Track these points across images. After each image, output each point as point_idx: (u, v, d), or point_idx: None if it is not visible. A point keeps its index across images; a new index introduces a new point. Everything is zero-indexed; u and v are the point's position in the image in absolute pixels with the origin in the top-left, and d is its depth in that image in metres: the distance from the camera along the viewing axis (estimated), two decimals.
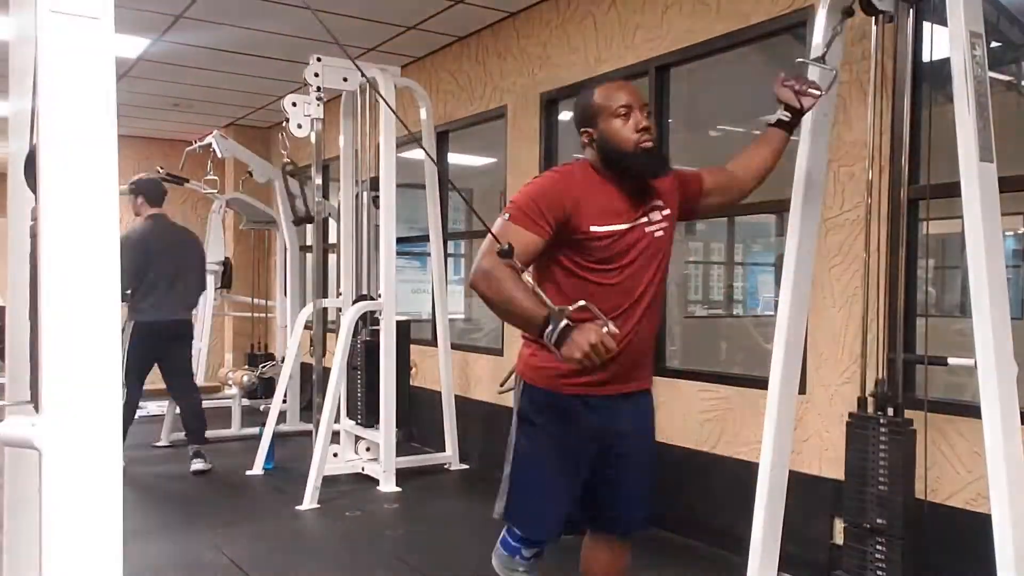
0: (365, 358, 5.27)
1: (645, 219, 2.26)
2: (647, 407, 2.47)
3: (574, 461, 2.31)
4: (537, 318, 1.96)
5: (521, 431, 2.34)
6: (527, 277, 2.00)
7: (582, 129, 2.30)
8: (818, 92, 2.60)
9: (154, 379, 5.51)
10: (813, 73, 2.78)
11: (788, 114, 2.59)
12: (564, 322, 1.92)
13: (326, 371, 5.10)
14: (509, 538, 2.44)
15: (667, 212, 2.32)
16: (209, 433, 6.51)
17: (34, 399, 1.22)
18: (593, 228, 2.16)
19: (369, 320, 5.32)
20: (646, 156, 2.23)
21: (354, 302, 5.28)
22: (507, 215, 2.13)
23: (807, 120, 2.92)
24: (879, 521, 2.83)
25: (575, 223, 2.15)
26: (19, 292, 1.49)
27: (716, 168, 2.58)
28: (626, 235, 2.21)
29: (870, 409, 2.97)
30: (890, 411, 2.92)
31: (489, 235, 2.07)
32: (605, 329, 1.88)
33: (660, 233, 2.29)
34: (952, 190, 2.63)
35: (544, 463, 2.30)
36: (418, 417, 5.87)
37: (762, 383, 3.08)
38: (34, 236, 1.18)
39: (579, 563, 2.56)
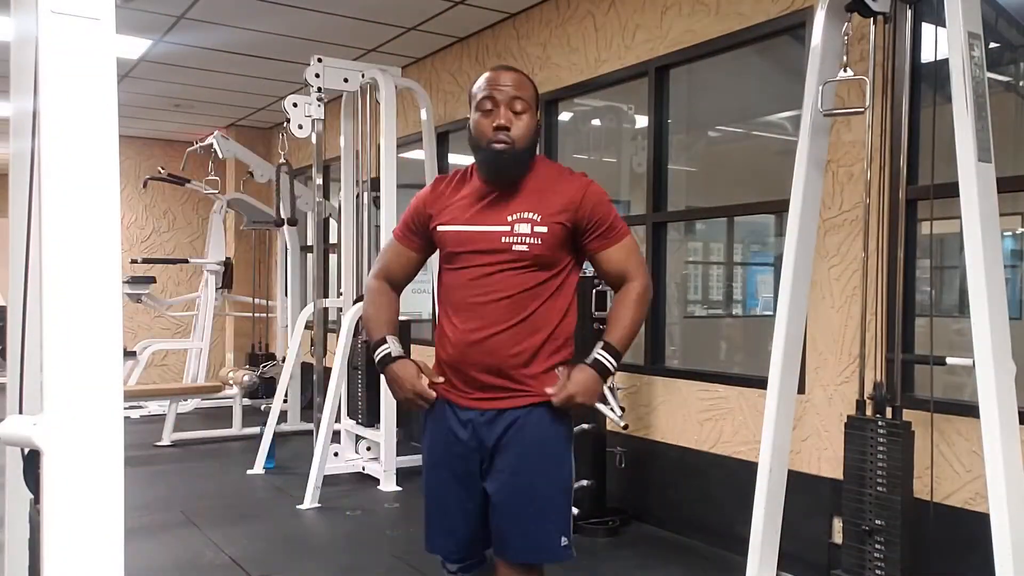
0: (366, 358, 5.27)
1: (506, 227, 2.04)
2: (537, 427, 2.07)
3: (438, 471, 2.15)
4: (374, 337, 2.16)
5: (423, 439, 2.25)
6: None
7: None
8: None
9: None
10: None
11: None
12: (386, 351, 2.13)
13: (327, 371, 5.11)
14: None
15: (541, 230, 2.04)
16: (210, 433, 6.53)
17: (19, 399, 1.22)
18: (439, 228, 2.13)
19: None
20: (492, 157, 2.07)
21: (355, 302, 5.28)
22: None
23: (806, 120, 2.93)
24: (878, 521, 2.84)
25: (432, 223, 2.16)
26: (19, 292, 1.49)
27: (618, 282, 2.16)
28: (472, 236, 2.07)
29: (868, 411, 2.97)
30: (889, 412, 2.92)
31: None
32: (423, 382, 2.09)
33: (522, 247, 2.03)
34: (951, 190, 2.63)
35: (431, 477, 2.18)
36: (418, 417, 5.86)
37: (761, 383, 3.09)
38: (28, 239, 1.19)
39: None
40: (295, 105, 5.10)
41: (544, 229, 2.04)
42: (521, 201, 2.08)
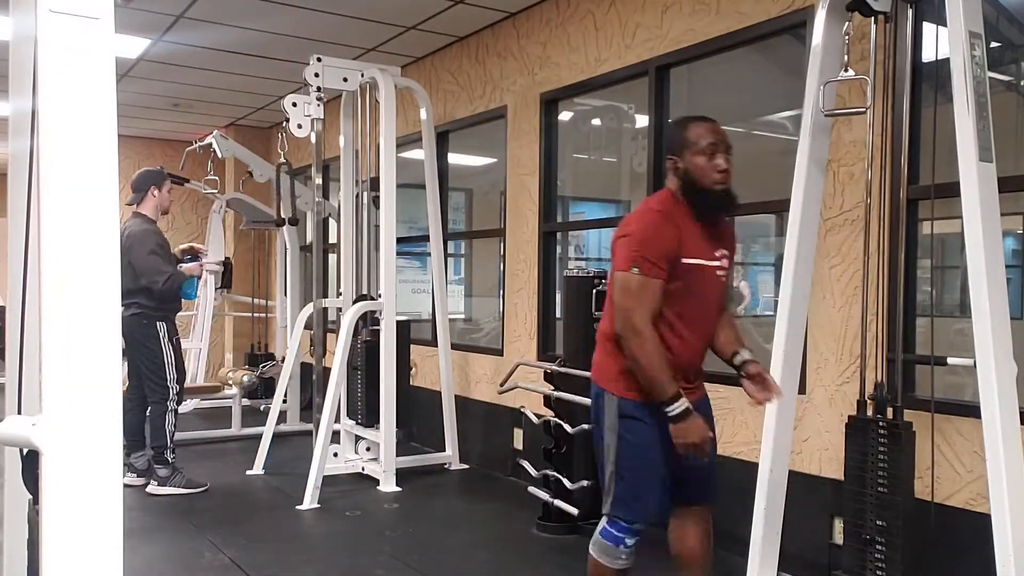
0: (365, 358, 5.27)
1: (717, 263, 2.57)
2: (708, 406, 2.76)
3: (667, 449, 2.48)
4: (669, 391, 2.40)
5: (625, 429, 2.53)
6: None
7: (669, 157, 2.58)
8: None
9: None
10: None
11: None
12: (686, 406, 2.39)
13: (326, 371, 5.10)
14: (612, 529, 2.59)
15: (727, 258, 2.62)
16: (209, 433, 6.53)
17: (18, 398, 1.22)
18: (684, 260, 2.47)
19: (369, 320, 5.32)
20: (719, 194, 2.52)
21: (354, 302, 5.28)
22: (635, 268, 2.42)
23: (807, 120, 2.93)
24: (879, 522, 2.83)
25: (677, 256, 2.46)
26: (18, 292, 1.49)
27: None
28: (704, 269, 2.52)
29: (869, 412, 2.97)
30: (890, 412, 2.92)
31: (623, 291, 2.44)
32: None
33: (721, 274, 2.59)
34: (952, 190, 2.63)
35: (651, 454, 2.51)
36: (418, 417, 5.87)
37: None
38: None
39: (668, 547, 2.75)
40: (294, 104, 5.09)
41: (728, 257, 2.68)
42: (722, 240, 2.64)
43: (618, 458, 2.55)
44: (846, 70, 2.80)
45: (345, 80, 5.22)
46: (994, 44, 3.14)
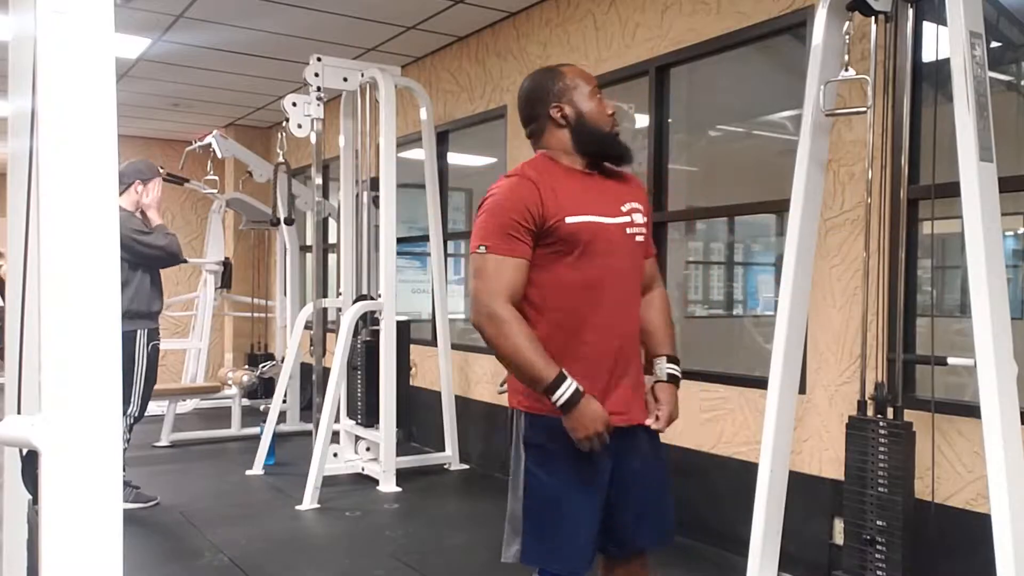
0: (365, 358, 5.27)
1: (628, 219, 2.12)
2: (654, 441, 2.21)
3: (592, 480, 2.08)
4: (547, 377, 1.93)
5: (532, 460, 2.08)
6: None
7: (552, 105, 2.13)
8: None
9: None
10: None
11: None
12: (574, 387, 1.93)
13: (326, 371, 5.10)
14: None
15: (639, 211, 2.16)
16: (209, 433, 6.52)
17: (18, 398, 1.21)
18: (568, 219, 2.02)
19: (369, 320, 5.32)
20: (621, 142, 2.16)
21: (354, 302, 5.28)
22: (483, 247, 2.00)
23: (807, 120, 2.93)
24: (879, 522, 2.83)
25: (548, 221, 2.02)
26: (18, 292, 1.49)
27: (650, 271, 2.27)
28: (604, 229, 2.07)
29: (869, 412, 2.97)
30: (890, 412, 2.92)
31: (475, 266, 2.00)
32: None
33: (633, 231, 2.13)
34: (952, 190, 2.62)
35: (567, 487, 2.06)
36: (418, 417, 5.87)
37: (762, 383, 3.08)
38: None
39: None
40: (294, 104, 5.09)
41: (644, 219, 2.22)
42: (628, 195, 2.20)
43: (530, 495, 2.07)
44: (846, 69, 2.80)
45: (345, 80, 5.22)
46: (994, 44, 3.14)
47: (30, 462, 1.17)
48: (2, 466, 1.57)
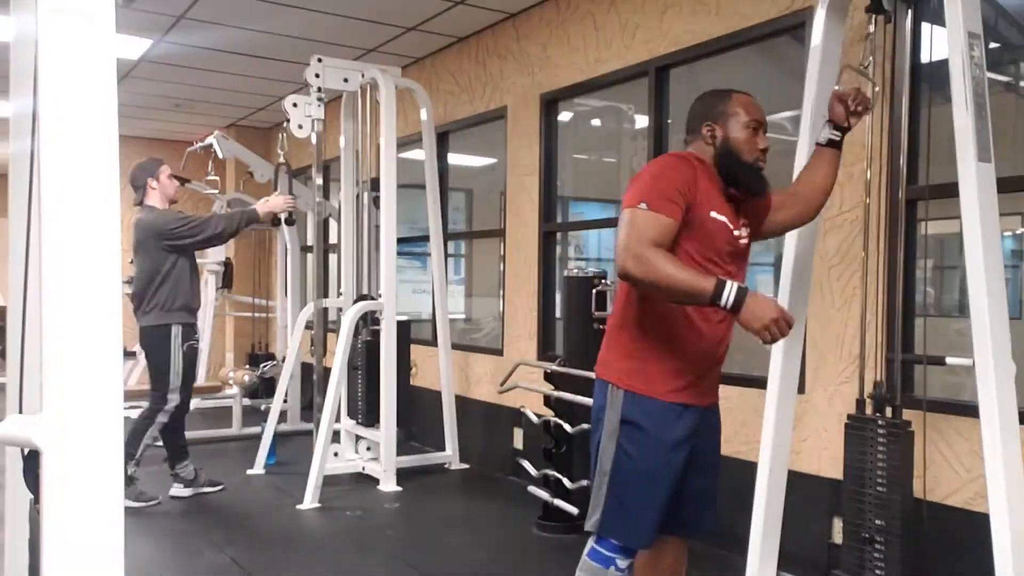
0: (366, 358, 5.28)
1: (741, 232, 2.35)
2: (718, 417, 2.48)
3: (674, 466, 2.27)
4: (707, 287, 2.02)
5: (625, 436, 2.25)
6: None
7: (706, 123, 2.33)
8: (868, 111, 2.56)
9: (147, 379, 5.47)
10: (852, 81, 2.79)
11: (837, 133, 2.54)
12: (736, 288, 2.02)
13: (327, 371, 5.11)
14: (601, 549, 2.30)
15: (748, 233, 2.41)
16: (210, 433, 6.53)
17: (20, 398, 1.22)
18: (712, 214, 2.23)
19: (370, 320, 5.33)
20: (759, 175, 2.34)
21: (355, 302, 5.28)
22: (644, 204, 2.11)
23: (806, 120, 2.93)
24: (878, 522, 2.84)
25: (696, 208, 2.20)
26: (19, 292, 1.49)
27: (779, 189, 2.55)
28: (730, 234, 2.30)
29: (868, 411, 2.97)
30: (888, 412, 2.92)
31: (626, 225, 2.11)
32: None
33: (744, 243, 2.39)
34: (951, 190, 2.63)
35: (653, 468, 2.24)
36: (418, 417, 5.87)
37: (761, 383, 3.09)
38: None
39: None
40: (295, 105, 5.10)
41: (749, 233, 2.46)
42: (746, 214, 2.43)
43: (614, 471, 2.26)
44: (865, 66, 2.81)
45: (346, 81, 5.23)
46: (993, 45, 3.15)
47: (32, 461, 1.18)
48: (4, 466, 1.58)
